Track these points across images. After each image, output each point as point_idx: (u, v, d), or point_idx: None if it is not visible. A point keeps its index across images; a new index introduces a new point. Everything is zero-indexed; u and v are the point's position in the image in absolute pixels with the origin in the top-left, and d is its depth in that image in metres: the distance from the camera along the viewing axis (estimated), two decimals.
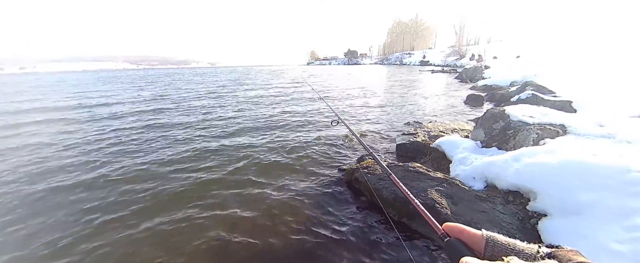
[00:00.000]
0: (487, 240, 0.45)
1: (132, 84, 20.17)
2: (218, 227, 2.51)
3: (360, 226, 2.50)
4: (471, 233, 0.47)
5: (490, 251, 0.44)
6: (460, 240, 0.48)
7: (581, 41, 28.53)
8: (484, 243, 0.45)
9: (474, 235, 0.47)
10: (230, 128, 6.06)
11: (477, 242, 0.46)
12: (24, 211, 2.87)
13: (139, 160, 4.17)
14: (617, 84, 6.16)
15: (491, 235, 0.45)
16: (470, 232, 0.48)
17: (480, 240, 0.46)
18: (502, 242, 0.44)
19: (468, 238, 0.47)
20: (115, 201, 3.00)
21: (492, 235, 0.45)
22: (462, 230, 0.49)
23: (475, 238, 0.46)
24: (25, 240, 2.42)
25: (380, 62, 66.98)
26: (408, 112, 7.77)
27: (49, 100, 11.69)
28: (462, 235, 0.48)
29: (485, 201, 2.45)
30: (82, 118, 7.56)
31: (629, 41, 21.31)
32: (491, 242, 0.44)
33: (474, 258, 0.41)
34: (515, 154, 2.76)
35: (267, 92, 12.68)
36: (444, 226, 0.51)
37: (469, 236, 0.47)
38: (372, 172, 3.01)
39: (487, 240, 0.45)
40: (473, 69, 17.56)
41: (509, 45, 40.46)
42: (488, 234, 0.46)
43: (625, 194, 1.92)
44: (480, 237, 0.46)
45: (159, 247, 2.29)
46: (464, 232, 0.48)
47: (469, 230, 0.48)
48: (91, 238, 2.42)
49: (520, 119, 3.51)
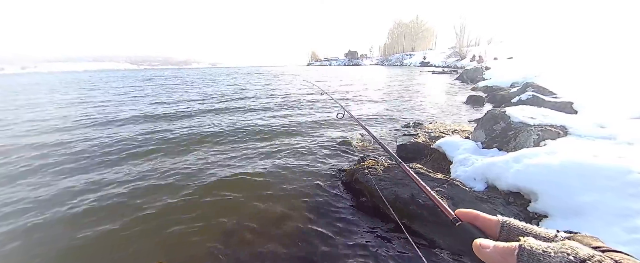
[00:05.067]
0: (502, 224, 0.44)
1: (131, 84, 20.19)
2: (217, 228, 2.51)
3: (360, 228, 2.50)
4: (486, 218, 0.46)
5: (506, 235, 0.43)
6: (473, 224, 0.47)
7: (582, 41, 28.50)
8: (498, 228, 0.44)
9: (489, 220, 0.46)
10: (229, 128, 6.05)
11: (492, 226, 0.45)
12: (19, 215, 2.87)
13: (138, 160, 4.17)
14: (618, 86, 6.16)
15: (507, 219, 0.44)
16: (485, 217, 0.47)
17: (495, 225, 0.44)
18: (518, 225, 0.43)
19: (482, 223, 0.46)
20: (115, 201, 3.00)
21: (508, 219, 0.44)
22: (476, 215, 0.47)
23: (490, 223, 0.45)
24: (20, 242, 2.42)
25: (381, 63, 67.03)
26: (408, 113, 7.77)
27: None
28: (477, 221, 0.47)
29: (486, 202, 2.44)
30: (79, 120, 7.57)
31: (630, 41, 21.29)
32: (506, 226, 0.43)
33: (487, 240, 0.40)
34: (516, 156, 2.75)
35: (266, 92, 12.70)
36: (456, 212, 0.50)
37: (483, 222, 0.46)
38: (373, 173, 3.00)
39: (502, 224, 0.44)
40: (473, 70, 17.56)
41: (509, 46, 40.45)
42: (504, 219, 0.45)
43: (626, 195, 1.92)
44: (496, 222, 0.45)
45: (158, 247, 2.29)
46: (478, 217, 0.47)
47: (484, 216, 0.47)
48: (91, 237, 2.42)
49: (521, 120, 3.51)
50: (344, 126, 6.05)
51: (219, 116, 7.47)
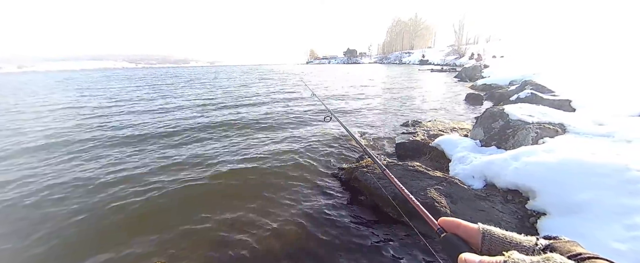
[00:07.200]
0: (483, 233, 0.44)
1: (128, 83, 20.08)
2: (216, 227, 2.50)
3: (359, 226, 2.50)
4: (468, 227, 0.47)
5: (488, 245, 0.43)
6: (457, 235, 0.47)
7: (581, 40, 28.55)
8: (480, 237, 0.44)
9: (471, 229, 0.46)
10: (228, 127, 6.04)
11: (474, 235, 0.45)
12: (19, 213, 2.85)
13: (137, 161, 4.16)
14: (616, 83, 6.17)
15: (487, 228, 0.45)
16: (467, 226, 0.47)
17: (476, 233, 0.45)
18: (499, 235, 0.43)
19: (464, 232, 0.46)
20: (115, 202, 2.98)
21: (488, 228, 0.45)
22: (458, 224, 0.48)
23: (471, 232, 0.46)
24: (21, 241, 2.41)
25: (380, 61, 66.99)
26: (407, 111, 7.77)
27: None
28: (459, 230, 0.47)
29: (484, 200, 2.45)
30: (78, 117, 7.54)
31: (628, 40, 21.33)
32: (488, 236, 0.43)
33: (472, 254, 0.40)
34: (514, 153, 2.76)
35: (265, 91, 12.66)
36: (439, 221, 0.50)
37: (465, 230, 0.46)
38: (372, 171, 3.00)
39: (483, 233, 0.44)
40: (472, 68, 17.57)
41: (508, 44, 40.47)
42: (484, 227, 0.45)
43: (625, 192, 1.92)
44: (477, 231, 0.45)
45: (158, 246, 2.29)
46: (460, 226, 0.47)
47: (466, 225, 0.47)
48: (91, 237, 2.42)
49: (519, 118, 3.51)
50: (337, 122, 6.03)
51: (219, 113, 7.45)
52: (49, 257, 2.21)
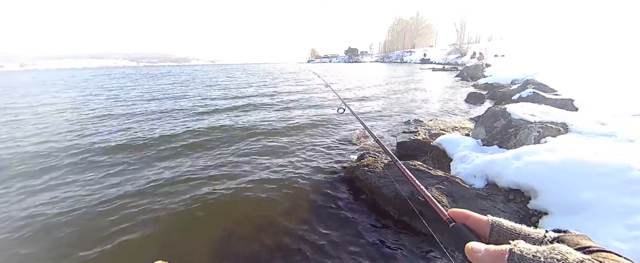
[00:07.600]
0: (492, 225, 0.45)
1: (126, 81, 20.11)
2: (217, 226, 2.51)
3: (360, 225, 2.50)
4: (477, 218, 0.47)
5: (496, 236, 0.44)
6: (466, 225, 0.48)
7: (584, 39, 28.39)
8: (489, 228, 0.45)
9: (480, 220, 0.47)
10: (228, 126, 6.04)
11: (483, 227, 0.46)
12: (18, 213, 2.87)
13: (137, 161, 4.17)
14: (618, 83, 6.14)
15: (497, 220, 0.45)
16: (476, 217, 0.48)
17: (485, 225, 0.46)
18: (508, 226, 0.44)
19: (473, 223, 0.47)
20: (114, 202, 3.00)
21: (497, 220, 0.45)
22: (467, 215, 0.49)
23: (480, 223, 0.46)
24: (21, 241, 2.42)
25: (381, 60, 66.78)
26: (409, 110, 7.76)
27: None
28: (468, 221, 0.48)
29: (486, 200, 2.44)
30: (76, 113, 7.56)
31: (631, 39, 21.20)
32: (496, 227, 0.44)
33: (479, 243, 0.41)
34: (516, 153, 2.75)
35: (266, 89, 12.66)
36: (449, 211, 0.51)
37: (474, 221, 0.47)
38: (373, 170, 3.00)
39: (492, 225, 0.45)
40: (474, 67, 17.49)
41: (510, 43, 40.27)
42: (493, 219, 0.45)
43: (627, 192, 1.92)
44: (486, 222, 0.46)
45: (158, 246, 2.30)
46: (469, 217, 0.48)
47: (475, 216, 0.48)
48: (90, 238, 2.43)
49: (521, 118, 3.50)
50: (344, 123, 6.04)
51: (219, 113, 7.46)
52: (49, 257, 2.23)
